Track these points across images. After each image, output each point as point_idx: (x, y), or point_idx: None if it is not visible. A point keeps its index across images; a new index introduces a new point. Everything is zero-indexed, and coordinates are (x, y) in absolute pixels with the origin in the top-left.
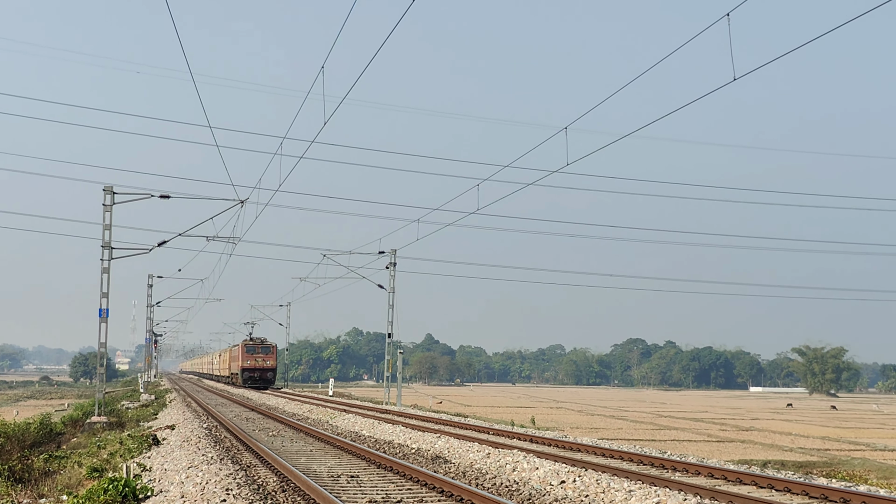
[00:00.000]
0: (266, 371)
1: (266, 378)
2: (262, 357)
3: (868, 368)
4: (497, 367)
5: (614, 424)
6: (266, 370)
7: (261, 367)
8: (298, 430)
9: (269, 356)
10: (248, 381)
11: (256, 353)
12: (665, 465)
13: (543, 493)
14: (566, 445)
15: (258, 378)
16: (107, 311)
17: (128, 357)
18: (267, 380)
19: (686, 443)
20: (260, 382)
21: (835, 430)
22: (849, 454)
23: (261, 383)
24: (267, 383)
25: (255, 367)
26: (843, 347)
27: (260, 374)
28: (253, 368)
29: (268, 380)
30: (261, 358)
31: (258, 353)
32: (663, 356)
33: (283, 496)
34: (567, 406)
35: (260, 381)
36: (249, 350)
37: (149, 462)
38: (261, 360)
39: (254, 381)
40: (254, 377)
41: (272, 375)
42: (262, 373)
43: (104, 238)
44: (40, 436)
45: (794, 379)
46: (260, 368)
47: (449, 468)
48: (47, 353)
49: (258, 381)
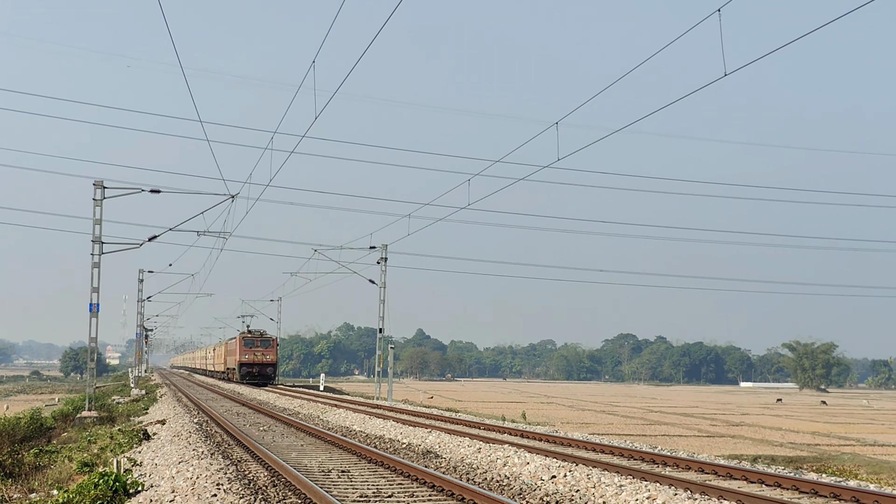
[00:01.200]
0: (266, 366)
1: (266, 374)
2: (262, 351)
3: (858, 364)
4: (488, 362)
5: (605, 419)
6: (266, 365)
7: (260, 361)
8: (289, 425)
9: (269, 350)
10: (246, 376)
11: (255, 346)
12: (656, 459)
13: (534, 488)
14: (557, 440)
15: (257, 373)
16: (97, 305)
17: (118, 352)
18: (267, 375)
19: (676, 438)
20: (259, 378)
21: (825, 426)
22: (839, 449)
23: (260, 379)
24: (267, 379)
25: (254, 362)
26: (832, 343)
27: (259, 370)
28: (252, 363)
29: (268, 375)
30: (260, 352)
31: (257, 346)
32: (654, 351)
33: (274, 491)
34: (558, 401)
35: (259, 377)
36: (248, 343)
37: (139, 457)
38: (260, 355)
39: (252, 377)
40: (252, 372)
41: (273, 371)
42: (262, 368)
43: (94, 233)
44: (30, 430)
45: (784, 374)
46: (259, 363)
47: (440, 463)
48: (38, 347)
49: (257, 376)
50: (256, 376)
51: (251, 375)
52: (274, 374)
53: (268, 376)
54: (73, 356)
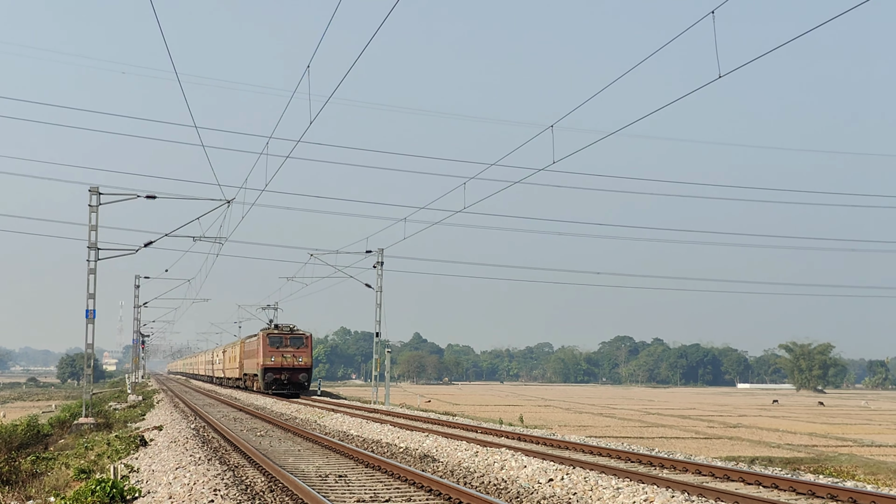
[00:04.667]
0: (298, 371)
1: (298, 381)
2: (293, 352)
3: (855, 364)
4: (485, 365)
5: (602, 422)
6: (298, 370)
7: (291, 365)
8: (286, 430)
9: (301, 350)
10: (272, 384)
11: (284, 345)
12: (653, 462)
13: (531, 492)
14: (554, 443)
15: (287, 381)
16: (93, 312)
17: (115, 358)
18: (299, 384)
19: (674, 440)
20: (289, 387)
21: (822, 427)
22: (836, 450)
23: (290, 388)
24: (299, 389)
25: (282, 366)
26: (829, 343)
27: (290, 376)
28: (280, 367)
29: (300, 384)
30: (290, 353)
31: (286, 345)
32: (651, 353)
33: (272, 496)
34: (555, 404)
35: (290, 386)
36: (274, 342)
37: (136, 463)
38: (290, 357)
39: (281, 386)
40: (280, 380)
41: (306, 378)
42: (293, 374)
43: (90, 239)
44: (27, 437)
45: (781, 375)
46: (290, 368)
47: (437, 467)
48: (34, 354)
49: (287, 385)
50: (286, 385)
51: (279, 384)
52: (308, 381)
53: (300, 385)
54: (69, 362)
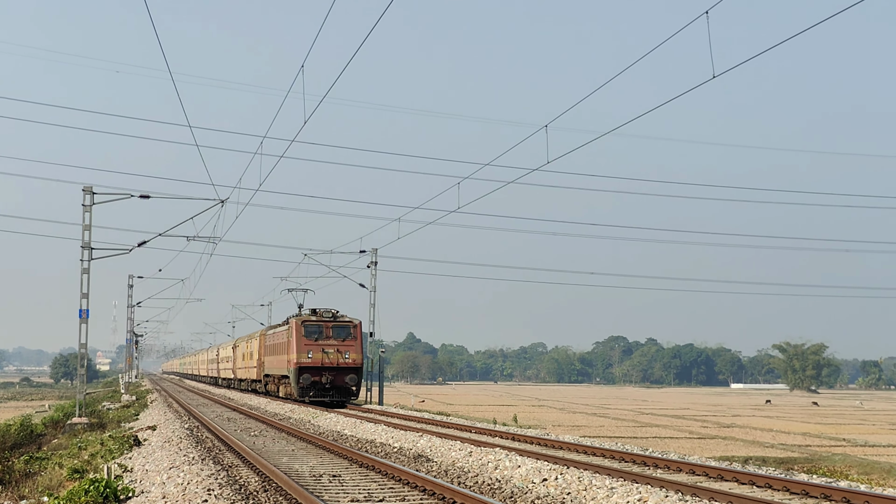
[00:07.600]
0: (346, 372)
1: (344, 385)
2: (337, 345)
3: (848, 364)
4: (479, 365)
5: (596, 422)
6: (346, 370)
7: (335, 364)
8: (280, 430)
9: (348, 344)
10: (311, 389)
11: (326, 337)
12: (647, 462)
13: (525, 491)
14: (548, 443)
15: (330, 385)
16: (87, 311)
17: (109, 358)
18: (346, 389)
19: (668, 440)
20: (334, 393)
21: (816, 427)
22: (830, 450)
23: (335, 395)
24: (345, 395)
25: (324, 365)
26: (823, 344)
27: (333, 378)
28: (320, 367)
29: (346, 389)
30: (334, 347)
31: (328, 337)
32: (645, 353)
33: (265, 496)
34: (549, 404)
35: (333, 391)
36: (312, 333)
37: (130, 463)
38: (334, 353)
39: (322, 392)
40: (321, 383)
41: (356, 380)
42: (339, 375)
43: (84, 238)
44: (21, 437)
45: (774, 375)
46: (334, 367)
47: (431, 467)
48: (27, 354)
49: (330, 390)
50: (328, 390)
51: (319, 389)
52: (357, 386)
53: (346, 390)
54: (63, 362)
